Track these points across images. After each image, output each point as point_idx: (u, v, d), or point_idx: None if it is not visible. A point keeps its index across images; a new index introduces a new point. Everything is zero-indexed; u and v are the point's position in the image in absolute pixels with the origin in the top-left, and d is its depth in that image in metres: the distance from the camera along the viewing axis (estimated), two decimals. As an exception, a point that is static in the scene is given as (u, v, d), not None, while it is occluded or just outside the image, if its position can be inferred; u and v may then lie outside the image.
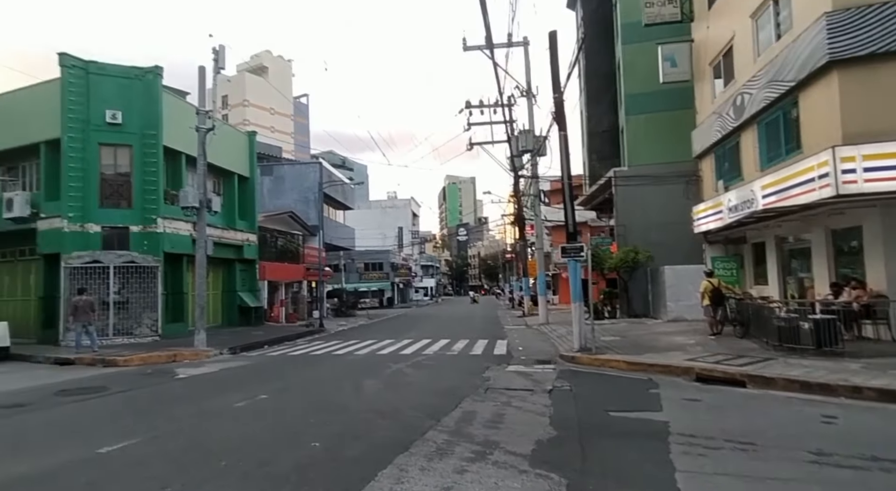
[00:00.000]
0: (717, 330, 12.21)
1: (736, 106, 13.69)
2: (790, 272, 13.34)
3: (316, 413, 6.65)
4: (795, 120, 11.45)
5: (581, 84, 25.97)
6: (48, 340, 15.60)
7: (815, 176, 9.59)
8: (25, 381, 10.21)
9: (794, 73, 10.79)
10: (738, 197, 13.24)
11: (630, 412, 6.21)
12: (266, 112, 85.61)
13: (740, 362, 8.41)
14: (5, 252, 18.25)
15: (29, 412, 7.41)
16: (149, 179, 16.84)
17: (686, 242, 17.27)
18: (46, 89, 16.50)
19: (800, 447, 4.68)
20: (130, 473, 4.57)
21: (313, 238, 28.82)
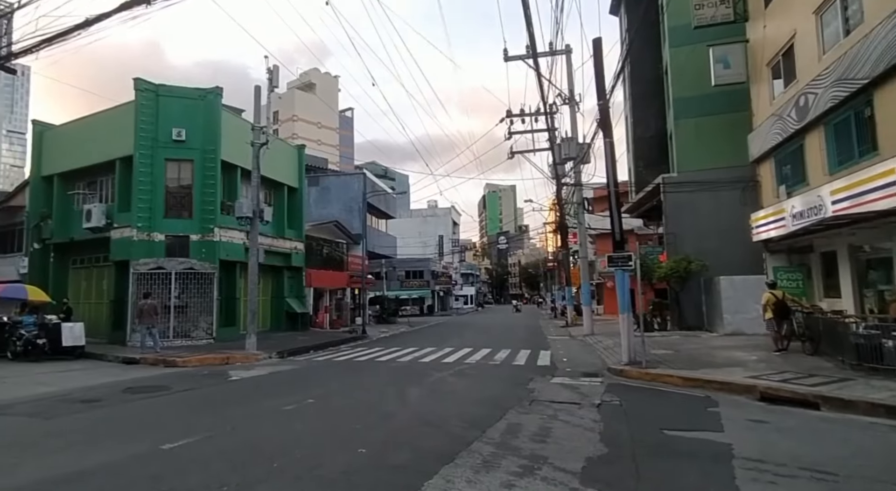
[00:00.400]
0: (782, 346, 11.37)
1: (798, 107, 12.91)
2: (868, 284, 12.20)
3: (361, 419, 6.67)
4: (869, 119, 10.63)
5: (626, 90, 25.35)
6: (117, 341, 16.69)
7: (895, 179, 8.83)
8: (98, 378, 10.92)
9: (867, 70, 10.05)
10: (803, 203, 12.41)
11: (687, 431, 5.83)
12: (313, 126, 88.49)
13: (812, 382, 7.72)
14: (83, 259, 19.78)
15: (102, 408, 7.93)
16: (208, 191, 17.77)
17: (742, 251, 16.39)
18: (122, 111, 17.96)
19: (889, 480, 4.22)
20: (191, 469, 4.74)
21: (357, 246, 29.29)
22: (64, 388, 9.62)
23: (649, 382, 9.17)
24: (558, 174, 24.49)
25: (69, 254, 20.04)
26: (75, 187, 19.62)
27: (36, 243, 19.80)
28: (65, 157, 19.72)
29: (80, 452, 5.44)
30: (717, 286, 16.28)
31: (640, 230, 27.82)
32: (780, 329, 11.44)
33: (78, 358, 14.06)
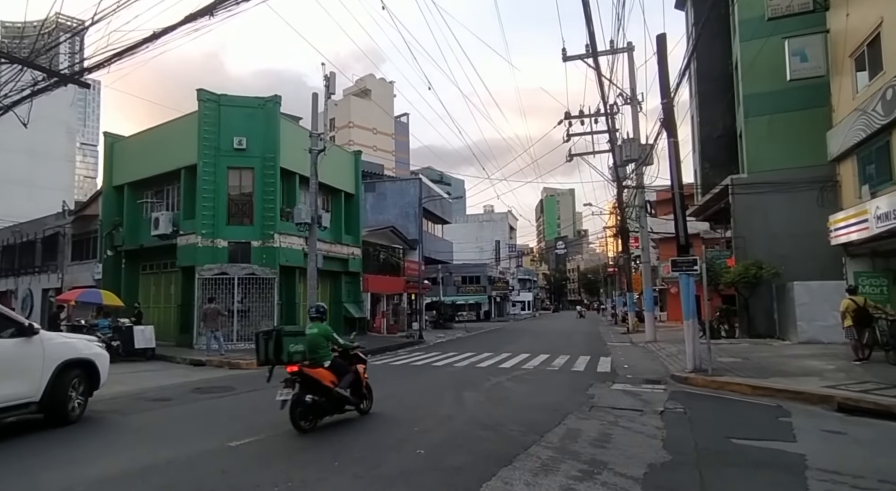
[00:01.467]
0: (863, 355, 10.60)
1: (885, 101, 12.03)
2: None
3: (419, 421, 6.75)
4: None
5: (692, 88, 24.38)
6: (184, 343, 17.30)
7: None
8: (168, 378, 11.49)
9: (960, 58, 9.25)
10: (889, 204, 11.53)
11: (756, 440, 5.58)
12: (369, 132, 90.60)
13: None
14: (152, 265, 20.55)
15: (173, 406, 8.37)
16: (268, 198, 18.23)
17: (818, 256, 15.39)
18: (186, 121, 18.67)
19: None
20: (256, 465, 4.95)
21: (413, 252, 29.64)
22: (138, 387, 10.13)
23: (715, 391, 8.81)
24: (619, 177, 23.91)
25: (139, 260, 20.77)
26: (144, 196, 20.34)
27: (109, 250, 20.63)
28: (134, 167, 20.46)
29: (154, 447, 5.77)
30: (790, 292, 15.35)
31: (707, 234, 26.65)
32: (861, 337, 10.69)
33: (149, 360, 14.64)
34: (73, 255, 25.14)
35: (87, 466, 5.09)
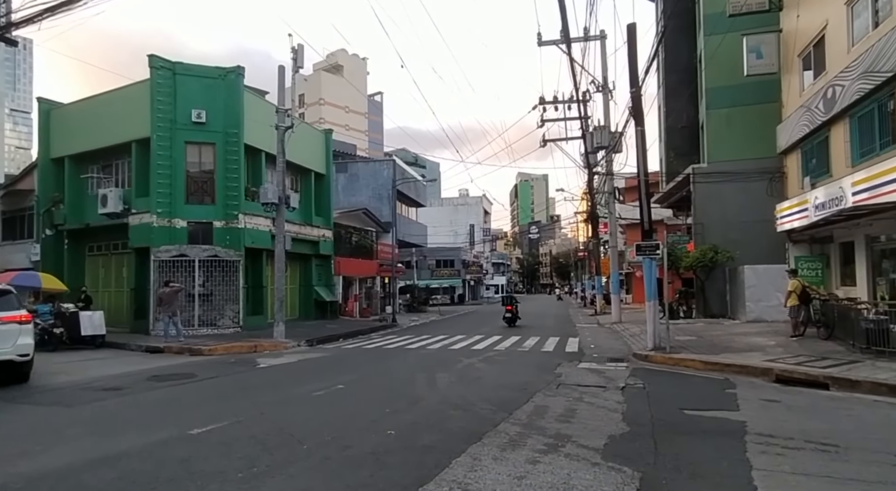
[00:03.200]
0: (799, 331, 11.63)
1: (826, 99, 12.85)
2: (881, 273, 12.40)
3: (390, 403, 6.87)
4: (892, 113, 10.67)
5: (660, 78, 25.01)
6: (139, 330, 16.40)
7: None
8: (121, 367, 10.77)
9: (892, 64, 10.06)
10: (825, 194, 12.45)
11: (705, 411, 6.16)
12: (341, 110, 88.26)
13: (824, 364, 8.05)
14: (100, 245, 19.23)
15: (126, 395, 7.91)
16: (231, 176, 17.22)
17: (767, 242, 16.40)
18: (137, 90, 17.13)
19: (886, 450, 4.52)
20: (219, 452, 4.83)
21: (386, 235, 29.38)
22: (85, 377, 9.49)
23: (672, 367, 9.48)
24: (590, 163, 24.50)
25: (84, 240, 19.34)
26: (89, 170, 18.59)
27: (48, 229, 18.96)
28: (76, 138, 18.65)
29: (105, 438, 5.47)
30: (741, 275, 16.34)
31: (670, 220, 27.64)
32: (799, 316, 11.68)
33: (98, 347, 13.79)
34: (4, 234, 22.94)
35: (28, 460, 4.74)
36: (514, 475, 4.09)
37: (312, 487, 3.99)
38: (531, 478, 4.01)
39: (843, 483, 3.83)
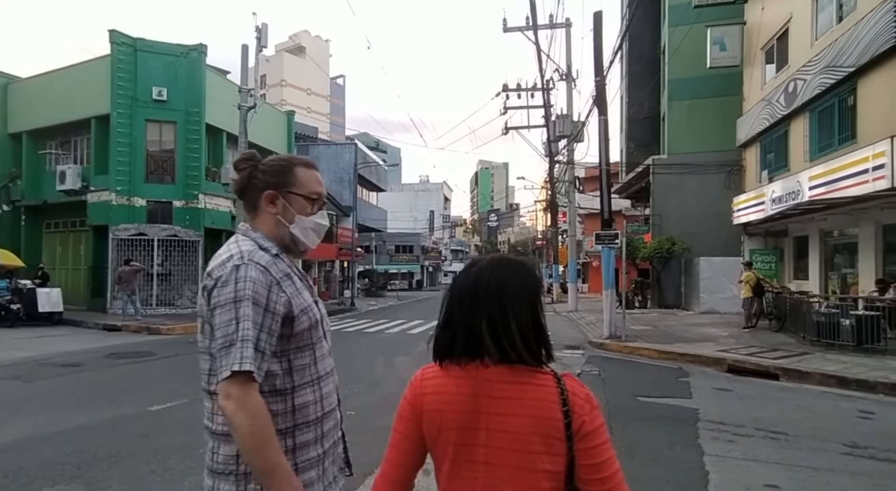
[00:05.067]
0: (751, 323, 11.97)
1: (787, 93, 13.15)
2: (833, 267, 12.89)
3: (351, 385, 6.80)
4: (852, 108, 10.96)
5: (623, 69, 25.33)
6: (97, 308, 16.27)
7: (869, 167, 9.22)
8: (78, 344, 10.72)
9: (854, 58, 10.30)
10: (782, 188, 12.82)
11: (659, 398, 6.23)
12: (303, 93, 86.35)
13: (774, 355, 8.28)
14: (58, 222, 18.98)
15: (84, 372, 7.86)
16: (191, 156, 17.10)
17: (723, 234, 16.83)
18: (97, 66, 16.86)
19: (834, 439, 4.64)
20: (180, 428, 4.85)
21: (346, 219, 29.28)
22: (43, 352, 9.45)
23: (627, 355, 9.61)
24: (552, 152, 24.61)
25: (42, 217, 19.16)
26: (47, 146, 18.49)
27: (5, 205, 18.83)
28: (34, 113, 18.36)
29: (64, 413, 5.45)
30: (696, 267, 16.76)
31: (628, 211, 28.19)
32: (752, 308, 12.04)
33: (56, 324, 13.75)
34: (-42, 208, 22.26)
35: (-16, 433, 4.72)
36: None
37: None
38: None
39: (792, 469, 3.90)
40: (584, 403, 1.05)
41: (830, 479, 3.75)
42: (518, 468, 1.01)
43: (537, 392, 1.04)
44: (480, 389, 1.05)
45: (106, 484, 3.65)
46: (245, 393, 1.14)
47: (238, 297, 1.19)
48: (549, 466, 1.00)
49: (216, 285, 1.22)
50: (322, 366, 1.39)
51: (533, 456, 1.01)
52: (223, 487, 1.25)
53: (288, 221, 1.36)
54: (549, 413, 1.02)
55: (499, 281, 1.09)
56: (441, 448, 1.08)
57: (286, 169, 1.38)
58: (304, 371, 1.32)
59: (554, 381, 1.06)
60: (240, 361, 1.14)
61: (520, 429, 1.02)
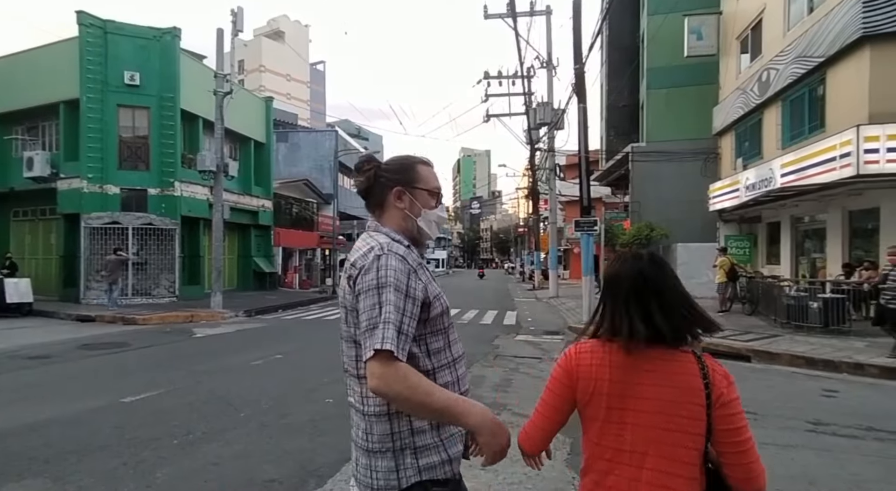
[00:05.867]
0: (726, 307, 12.32)
1: (761, 82, 13.41)
2: (803, 252, 13.32)
3: (329, 372, 6.81)
4: (821, 98, 11.25)
5: (603, 57, 25.41)
6: (69, 298, 15.88)
7: (836, 155, 9.49)
8: (49, 335, 10.42)
9: (824, 49, 10.54)
10: (756, 175, 13.11)
11: (634, 380, 6.40)
12: (282, 78, 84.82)
13: (746, 338, 8.56)
14: (26, 211, 18.42)
15: (54, 364, 7.61)
16: (166, 142, 16.75)
17: (700, 221, 17.20)
18: (65, 48, 16.23)
19: (799, 417, 4.84)
20: (154, 419, 4.78)
21: (328, 206, 28.98)
22: (11, 344, 9.12)
23: (605, 339, 9.81)
24: (532, 139, 24.69)
25: (9, 205, 18.52)
26: (12, 132, 17.87)
27: None
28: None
29: (32, 405, 5.32)
30: (674, 253, 17.10)
31: (608, 198, 28.51)
32: (726, 292, 12.38)
33: (25, 316, 13.39)
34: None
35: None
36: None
37: (250, 453, 4.00)
38: (466, 444, 4.01)
39: (760, 447, 3.94)
40: (722, 379, 1.25)
41: (795, 455, 3.91)
42: (664, 429, 1.23)
43: (682, 367, 1.25)
44: (634, 363, 1.27)
45: (75, 478, 3.56)
46: (388, 368, 1.23)
47: (380, 283, 1.29)
48: (691, 429, 1.22)
49: (360, 274, 1.33)
50: (455, 349, 1.47)
51: (678, 419, 1.22)
52: (381, 464, 1.34)
53: (415, 215, 1.48)
54: (692, 384, 1.23)
55: (651, 274, 1.31)
56: (593, 410, 1.31)
57: (409, 167, 1.51)
58: (440, 354, 1.42)
59: (694, 358, 1.28)
60: (381, 340, 1.24)
61: (667, 397, 1.23)
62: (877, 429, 4.52)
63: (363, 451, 1.38)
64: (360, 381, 1.38)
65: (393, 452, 1.35)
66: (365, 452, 1.38)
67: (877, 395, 5.82)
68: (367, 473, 1.37)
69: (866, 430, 4.49)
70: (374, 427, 1.36)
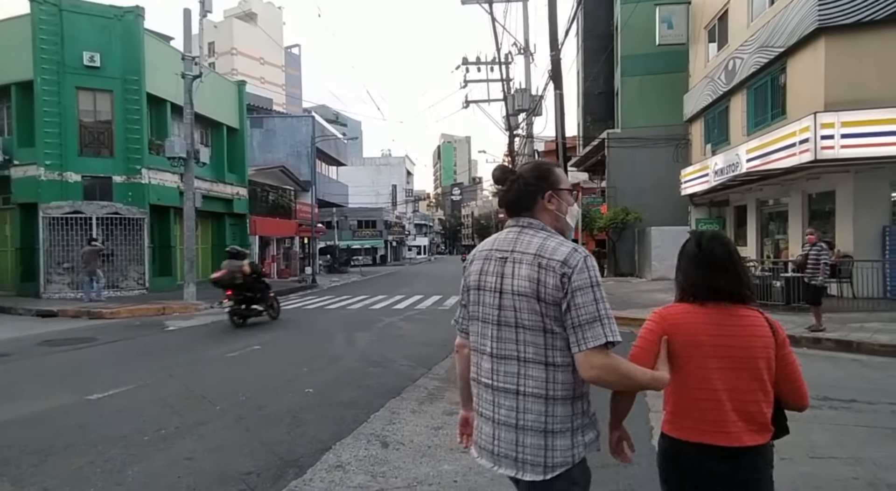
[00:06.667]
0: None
1: (727, 71, 13.74)
2: (768, 234, 13.86)
3: (309, 362, 6.78)
4: (783, 86, 11.65)
5: (579, 44, 25.50)
6: (28, 293, 15.07)
7: (796, 141, 9.86)
8: (8, 331, 9.81)
9: (784, 39, 10.88)
10: (724, 161, 13.49)
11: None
12: (256, 61, 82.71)
13: (715, 317, 8.88)
14: None
15: (14, 361, 7.23)
16: (131, 128, 15.99)
17: (673, 205, 17.64)
18: (16, 26, 15.23)
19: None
20: (123, 416, 4.59)
21: (305, 194, 28.58)
22: None
23: (581, 322, 10.06)
24: (511, 126, 24.72)
25: None
26: None
27: None
28: None
29: None
30: (648, 236, 17.54)
31: (586, 184, 28.83)
32: None
33: None
34: None
35: None
36: (432, 426, 4.22)
37: (226, 446, 3.91)
38: (448, 428, 4.14)
39: None
40: (780, 329, 1.65)
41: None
42: (747, 369, 1.58)
43: (754, 320, 1.62)
44: (718, 319, 1.61)
45: (37, 479, 3.38)
46: (609, 358, 1.43)
47: (593, 282, 1.47)
48: (765, 365, 1.59)
49: (574, 272, 1.46)
50: None
51: (757, 360, 1.58)
52: (560, 443, 1.50)
53: (563, 213, 1.66)
54: (763, 333, 1.60)
55: (725, 250, 1.68)
56: (683, 357, 1.61)
57: (549, 172, 1.67)
58: None
59: (759, 313, 1.66)
60: (611, 333, 1.43)
61: (747, 344, 1.58)
62: (831, 398, 4.80)
63: (538, 432, 1.50)
64: (546, 367, 1.50)
65: (571, 432, 1.51)
66: (541, 433, 1.50)
67: (832, 367, 6.13)
68: (541, 452, 1.50)
69: (822, 400, 4.75)
70: (556, 410, 1.50)
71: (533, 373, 1.51)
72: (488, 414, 1.59)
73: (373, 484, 3.25)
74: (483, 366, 1.61)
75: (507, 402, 1.54)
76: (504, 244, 1.61)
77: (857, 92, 9.61)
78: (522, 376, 1.52)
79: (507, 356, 1.54)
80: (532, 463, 1.50)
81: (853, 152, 9.30)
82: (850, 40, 9.80)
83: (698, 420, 1.61)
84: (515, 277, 1.52)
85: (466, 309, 1.73)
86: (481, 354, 1.62)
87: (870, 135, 9.19)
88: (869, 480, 3.17)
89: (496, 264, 1.59)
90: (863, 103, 9.42)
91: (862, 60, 9.78)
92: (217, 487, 3.26)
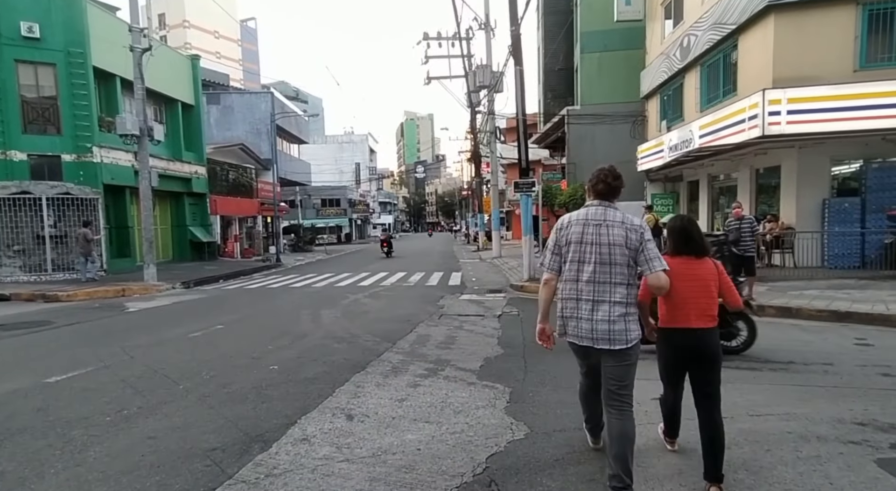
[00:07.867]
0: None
1: (682, 47, 14.04)
2: (718, 208, 14.44)
3: (273, 340, 6.76)
4: (734, 63, 12.00)
5: (539, 19, 25.45)
6: None
7: (745, 117, 10.24)
8: None
9: (736, 16, 11.18)
10: (678, 137, 13.90)
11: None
12: (210, 35, 78.94)
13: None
14: None
15: None
16: (79, 103, 15.40)
17: (630, 180, 17.85)
18: None
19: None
20: (83, 399, 4.53)
21: (267, 172, 27.99)
22: None
23: (543, 296, 10.35)
24: (472, 102, 24.65)
25: None
26: None
27: None
28: None
29: None
30: (607, 212, 18.00)
31: (547, 160, 29.19)
32: None
33: None
34: None
35: None
36: (396, 398, 4.35)
37: (190, 424, 3.92)
38: (412, 399, 4.29)
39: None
40: (719, 264, 2.98)
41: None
42: (703, 287, 2.86)
43: (708, 264, 2.92)
44: (691, 265, 2.89)
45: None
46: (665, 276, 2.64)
47: (650, 237, 2.67)
48: (714, 287, 2.88)
49: (644, 232, 2.65)
50: None
51: (709, 282, 2.87)
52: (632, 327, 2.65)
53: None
54: (712, 268, 2.92)
55: (694, 225, 2.99)
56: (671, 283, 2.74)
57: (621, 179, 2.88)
58: None
59: (712, 261, 2.95)
60: (664, 264, 2.65)
61: (708, 278, 2.88)
62: (772, 361, 5.18)
63: (621, 321, 2.61)
64: (627, 286, 2.65)
65: (637, 321, 2.69)
66: (622, 321, 2.61)
67: (774, 332, 6.52)
68: (623, 333, 2.61)
69: (763, 362, 5.13)
70: (630, 309, 2.65)
71: (619, 290, 2.63)
72: (587, 316, 2.66)
73: (338, 455, 3.34)
74: (583, 289, 2.67)
75: (603, 307, 2.63)
76: (596, 215, 2.71)
77: (804, 69, 10.02)
78: (612, 293, 2.62)
79: (604, 281, 2.64)
80: (619, 340, 2.60)
81: (798, 128, 9.71)
82: (798, 18, 10.14)
83: (677, 315, 2.84)
84: (611, 235, 2.63)
85: (560, 256, 2.79)
86: (578, 281, 2.69)
87: (814, 111, 9.60)
88: (801, 434, 3.49)
89: (594, 227, 2.67)
90: (808, 80, 9.83)
91: (808, 38, 10.14)
92: (182, 464, 3.28)
